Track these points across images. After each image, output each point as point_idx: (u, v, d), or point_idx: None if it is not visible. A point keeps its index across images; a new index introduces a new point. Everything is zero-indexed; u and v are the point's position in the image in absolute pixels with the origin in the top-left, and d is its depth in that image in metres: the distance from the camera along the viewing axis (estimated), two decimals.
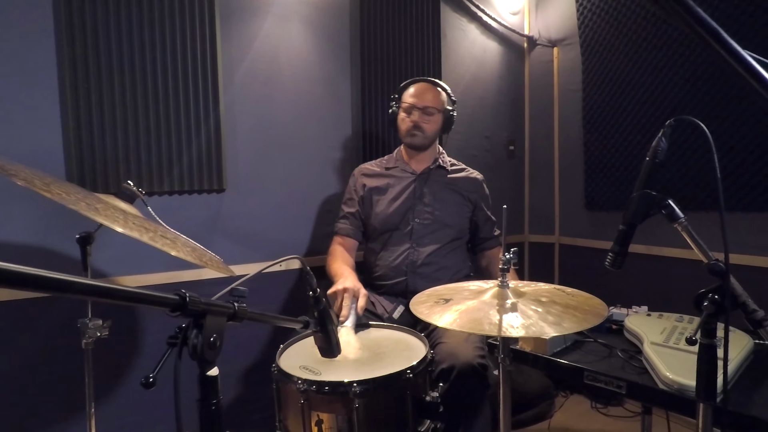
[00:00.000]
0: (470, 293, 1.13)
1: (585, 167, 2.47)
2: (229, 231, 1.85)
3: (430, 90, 1.76)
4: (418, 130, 1.73)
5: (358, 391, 1.00)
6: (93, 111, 1.55)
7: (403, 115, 1.75)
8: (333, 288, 1.43)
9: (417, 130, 1.73)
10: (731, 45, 0.44)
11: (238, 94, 1.84)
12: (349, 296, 1.38)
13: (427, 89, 1.76)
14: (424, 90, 1.75)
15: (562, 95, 2.62)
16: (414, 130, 1.73)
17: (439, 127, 1.78)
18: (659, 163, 0.85)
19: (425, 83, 1.78)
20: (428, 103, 1.73)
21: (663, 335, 1.21)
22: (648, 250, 2.15)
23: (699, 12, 0.46)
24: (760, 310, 0.75)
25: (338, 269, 1.60)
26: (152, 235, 0.98)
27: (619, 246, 0.88)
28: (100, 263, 1.60)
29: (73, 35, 1.50)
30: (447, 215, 1.75)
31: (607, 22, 2.30)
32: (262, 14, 1.88)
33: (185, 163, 1.72)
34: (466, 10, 2.49)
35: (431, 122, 1.74)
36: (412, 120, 1.73)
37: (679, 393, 0.98)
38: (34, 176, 0.92)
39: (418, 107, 1.72)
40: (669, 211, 0.83)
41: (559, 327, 0.92)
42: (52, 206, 0.88)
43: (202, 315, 0.55)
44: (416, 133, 1.73)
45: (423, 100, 1.73)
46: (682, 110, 2.02)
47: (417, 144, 1.76)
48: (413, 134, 1.74)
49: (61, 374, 1.52)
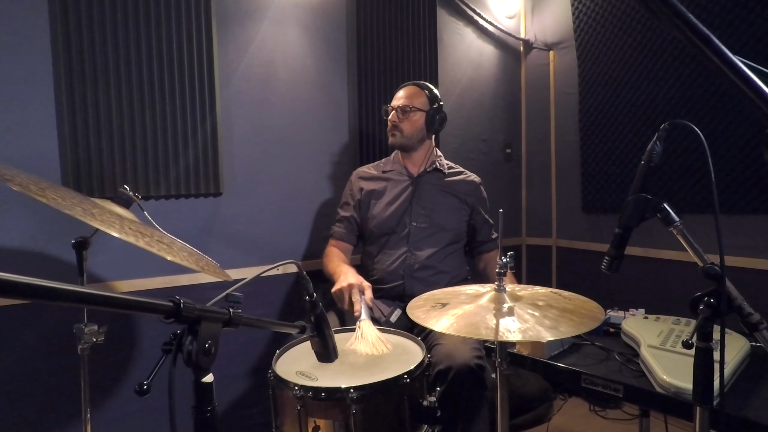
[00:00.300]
0: (467, 297, 1.13)
1: (582, 170, 2.48)
2: (226, 235, 1.85)
3: (409, 89, 1.79)
4: (396, 129, 1.76)
5: (355, 396, 0.99)
6: (89, 115, 1.55)
7: (387, 118, 1.80)
8: (336, 286, 1.43)
9: (395, 130, 1.77)
10: (723, 51, 0.44)
11: (234, 98, 1.84)
12: (356, 291, 1.40)
13: (406, 90, 1.79)
14: (403, 90, 1.79)
15: (559, 98, 2.63)
16: (393, 130, 1.77)
17: (420, 126, 1.77)
18: (654, 167, 0.85)
19: (409, 85, 1.82)
20: (403, 102, 1.76)
21: (660, 338, 1.21)
22: (645, 253, 2.16)
23: (690, 18, 0.46)
24: (756, 313, 0.75)
25: (336, 267, 1.61)
26: (148, 240, 0.97)
27: (615, 249, 0.88)
28: (96, 268, 1.59)
29: (69, 39, 1.50)
30: (444, 219, 1.76)
31: (602, 26, 2.31)
32: (258, 18, 1.89)
33: (182, 167, 1.72)
34: (462, 14, 2.50)
35: (408, 121, 1.75)
36: (390, 120, 1.77)
37: (676, 396, 0.98)
38: (29, 181, 0.92)
39: (394, 107, 1.76)
40: (664, 215, 0.83)
41: (556, 331, 0.92)
42: (47, 211, 0.88)
43: (196, 321, 0.55)
44: (395, 132, 1.77)
45: (399, 100, 1.77)
46: (677, 113, 2.03)
47: (397, 144, 1.79)
48: (393, 134, 1.78)
49: (56, 380, 1.51)
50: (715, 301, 0.73)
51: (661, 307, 1.66)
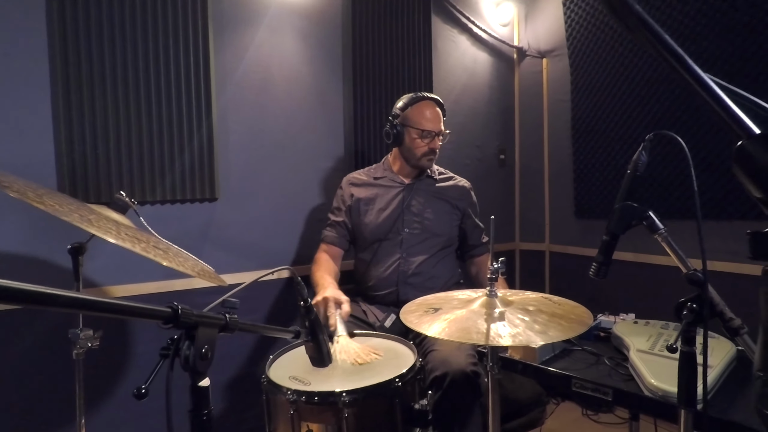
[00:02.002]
0: (459, 302, 1.15)
1: (574, 175, 2.52)
2: (221, 240, 1.86)
3: (439, 112, 1.78)
4: (434, 154, 1.78)
5: (347, 400, 1.01)
6: (85, 120, 1.56)
7: (419, 141, 1.74)
8: (314, 300, 1.44)
9: (433, 155, 1.78)
10: (695, 70, 0.46)
11: (230, 104, 1.86)
12: (332, 304, 1.39)
13: (437, 112, 1.77)
14: (439, 115, 1.77)
15: (552, 105, 2.66)
16: (431, 155, 1.77)
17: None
18: (640, 176, 0.88)
19: (436, 107, 1.78)
20: (443, 127, 1.78)
21: (649, 342, 1.23)
22: (636, 258, 2.19)
23: (665, 37, 0.49)
24: (737, 318, 0.77)
25: (319, 279, 1.61)
26: (144, 245, 0.98)
27: (603, 256, 0.91)
28: (92, 272, 1.59)
29: (66, 44, 1.51)
30: (436, 224, 1.78)
31: (594, 35, 2.35)
32: (255, 25, 1.91)
33: (177, 172, 1.73)
34: (456, 22, 2.54)
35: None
36: (431, 147, 1.75)
37: (663, 399, 1.00)
38: (27, 188, 0.93)
39: (435, 133, 1.75)
40: (650, 223, 0.85)
41: (545, 336, 0.94)
42: (43, 216, 0.88)
43: (194, 327, 0.57)
44: (433, 157, 1.78)
45: (439, 126, 1.77)
46: (666, 121, 2.07)
47: (431, 166, 1.82)
48: (431, 158, 1.78)
49: (50, 384, 1.51)
50: (697, 306, 0.75)
51: (651, 311, 1.68)
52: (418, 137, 1.74)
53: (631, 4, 0.53)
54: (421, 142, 1.74)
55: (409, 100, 1.78)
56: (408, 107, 1.76)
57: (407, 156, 1.79)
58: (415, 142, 1.74)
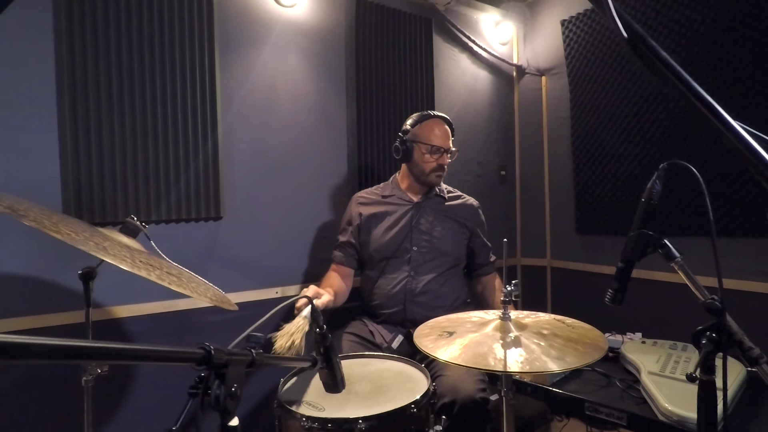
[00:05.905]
0: (472, 325, 1.15)
1: (575, 192, 2.54)
2: (227, 259, 1.85)
3: (448, 129, 1.81)
4: (443, 170, 1.80)
5: (363, 427, 1.00)
6: (91, 140, 1.55)
7: (428, 156, 1.76)
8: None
9: (441, 171, 1.80)
10: (724, 117, 0.47)
11: (235, 123, 1.86)
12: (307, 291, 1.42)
13: (446, 129, 1.81)
14: (447, 132, 1.81)
15: (551, 122, 2.69)
16: (440, 171, 1.79)
17: None
18: (654, 204, 0.89)
19: (445, 124, 1.81)
20: (450, 144, 1.80)
21: (659, 364, 1.24)
22: (639, 274, 2.19)
23: (693, 84, 0.50)
24: (756, 348, 0.78)
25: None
26: (159, 273, 0.98)
27: (619, 282, 0.91)
28: (98, 293, 1.57)
29: (73, 64, 1.51)
30: (445, 243, 1.78)
31: (592, 53, 2.39)
32: (260, 45, 1.92)
33: (182, 191, 1.73)
34: (457, 41, 2.57)
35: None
36: (439, 162, 1.78)
37: (679, 425, 1.00)
38: (42, 215, 0.93)
39: (444, 149, 1.78)
40: (665, 251, 0.86)
41: (563, 362, 0.94)
42: (51, 238, 0.88)
43: (224, 366, 0.56)
44: (441, 173, 1.80)
45: (447, 143, 1.79)
46: (666, 139, 2.10)
47: (439, 183, 1.84)
48: (439, 175, 1.80)
49: (58, 411, 1.48)
50: (717, 335, 0.76)
51: (657, 329, 1.69)
52: (427, 152, 1.76)
53: (658, 50, 0.54)
54: (429, 158, 1.76)
55: (418, 117, 1.81)
56: (417, 124, 1.79)
57: (416, 172, 1.81)
58: (424, 157, 1.77)
